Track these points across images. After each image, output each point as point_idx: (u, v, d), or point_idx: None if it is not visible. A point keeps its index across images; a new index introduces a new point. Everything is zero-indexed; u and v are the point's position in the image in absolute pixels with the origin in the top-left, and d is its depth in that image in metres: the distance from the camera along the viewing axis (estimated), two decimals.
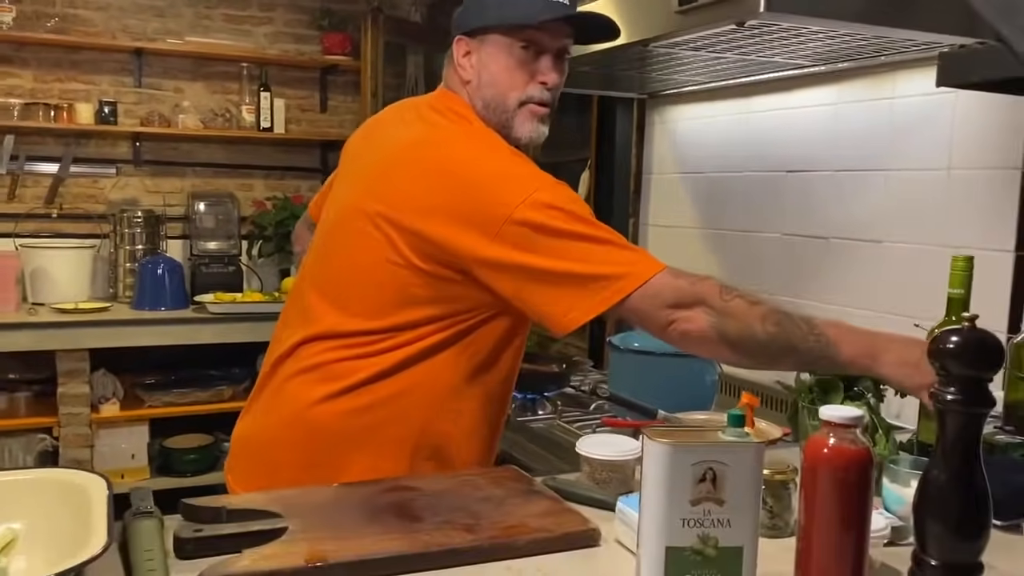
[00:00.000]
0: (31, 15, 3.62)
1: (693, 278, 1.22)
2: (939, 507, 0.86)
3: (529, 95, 1.33)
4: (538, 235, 1.20)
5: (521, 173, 1.26)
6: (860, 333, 1.22)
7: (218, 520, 1.05)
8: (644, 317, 1.23)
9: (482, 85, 1.34)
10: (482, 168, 1.27)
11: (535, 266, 1.21)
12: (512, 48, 1.31)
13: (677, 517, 0.85)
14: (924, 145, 1.79)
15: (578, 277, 1.21)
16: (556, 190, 1.24)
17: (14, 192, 3.68)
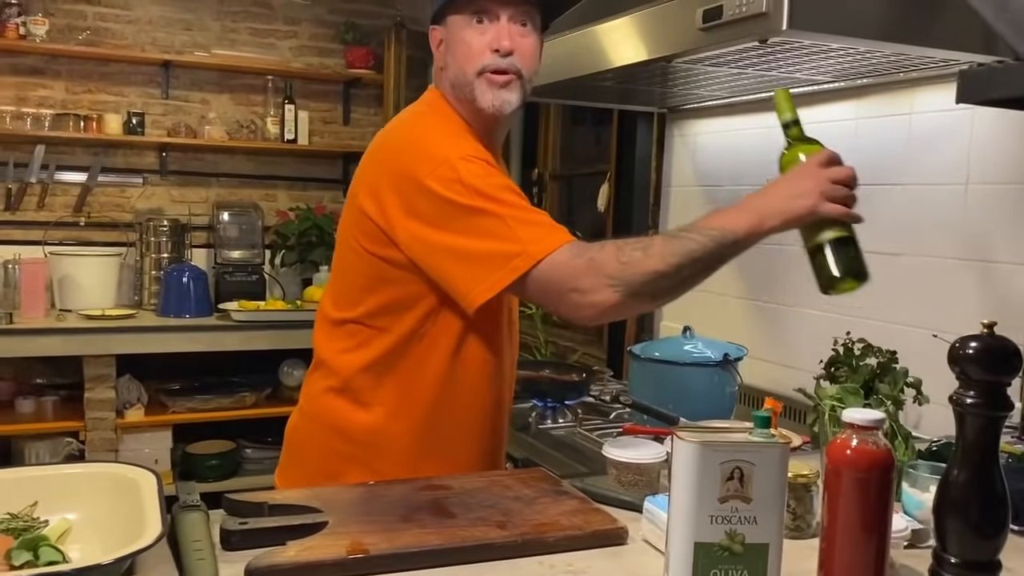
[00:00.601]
0: (63, 28, 3.71)
1: (592, 251, 1.21)
2: (959, 506, 0.90)
3: (484, 64, 1.34)
4: (443, 209, 1.23)
5: (438, 147, 1.27)
6: (735, 208, 1.25)
7: (260, 514, 1.09)
8: (546, 296, 1.24)
9: (449, 67, 1.38)
10: (405, 139, 1.33)
11: (441, 242, 1.24)
12: (468, 23, 1.35)
13: (706, 514, 0.89)
14: (942, 160, 1.82)
15: (478, 254, 1.22)
16: (467, 166, 1.24)
17: (44, 201, 3.76)
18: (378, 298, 1.36)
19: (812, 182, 1.20)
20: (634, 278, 1.19)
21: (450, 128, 1.35)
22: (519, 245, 1.20)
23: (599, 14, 1.81)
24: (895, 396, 1.34)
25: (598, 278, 1.19)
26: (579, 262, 1.20)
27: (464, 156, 1.26)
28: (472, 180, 1.23)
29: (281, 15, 4.10)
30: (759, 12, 1.36)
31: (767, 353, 2.24)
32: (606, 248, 1.21)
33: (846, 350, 1.45)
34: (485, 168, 1.26)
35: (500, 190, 1.24)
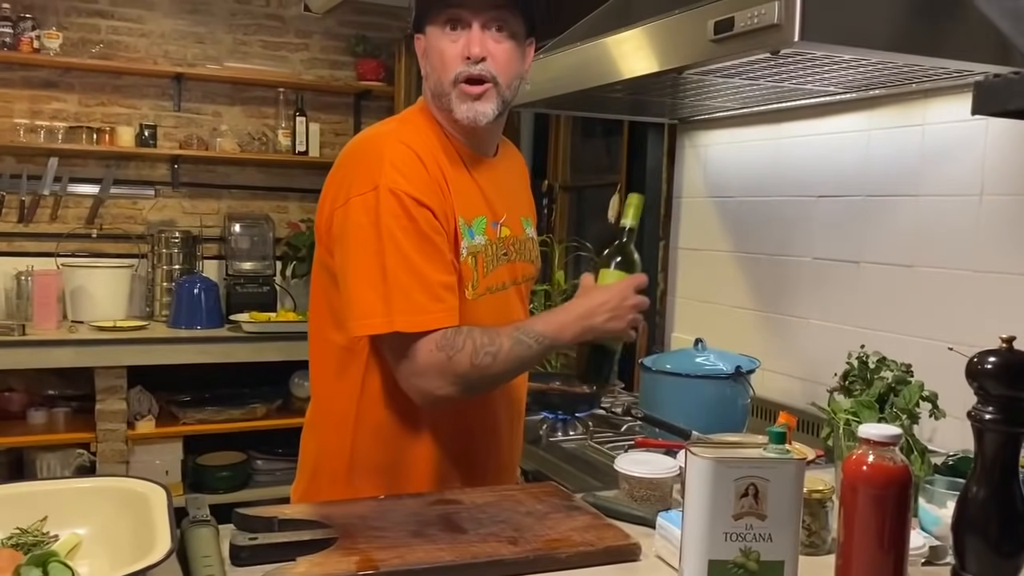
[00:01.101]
0: (77, 41, 3.74)
1: (454, 348, 1.25)
2: (979, 524, 0.88)
3: (458, 72, 1.32)
4: (352, 231, 1.26)
5: (379, 171, 1.27)
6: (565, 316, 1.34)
7: (270, 529, 1.09)
8: (393, 363, 1.28)
9: (429, 76, 1.38)
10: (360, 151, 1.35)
11: (342, 259, 1.28)
12: (442, 31, 1.33)
13: (720, 531, 0.88)
14: (956, 171, 1.81)
15: (356, 291, 1.26)
16: (389, 202, 1.25)
17: (56, 213, 3.78)
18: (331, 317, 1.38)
19: (627, 308, 1.34)
20: (478, 381, 1.28)
21: (404, 154, 1.31)
22: (387, 308, 1.24)
23: (610, 26, 1.81)
24: (910, 410, 1.33)
25: (447, 377, 1.25)
26: (439, 357, 1.24)
27: (393, 189, 1.25)
28: (385, 219, 1.25)
29: (293, 28, 4.12)
30: (771, 24, 1.35)
31: (779, 365, 2.22)
32: (465, 348, 1.25)
33: (861, 363, 1.44)
34: (407, 211, 1.26)
35: (409, 239, 1.25)
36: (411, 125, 1.39)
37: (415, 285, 1.25)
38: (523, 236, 1.50)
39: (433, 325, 1.25)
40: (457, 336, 1.26)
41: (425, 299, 1.25)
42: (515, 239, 1.47)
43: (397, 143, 1.31)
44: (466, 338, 1.26)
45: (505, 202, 1.46)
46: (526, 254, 1.51)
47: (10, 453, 3.49)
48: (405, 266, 1.25)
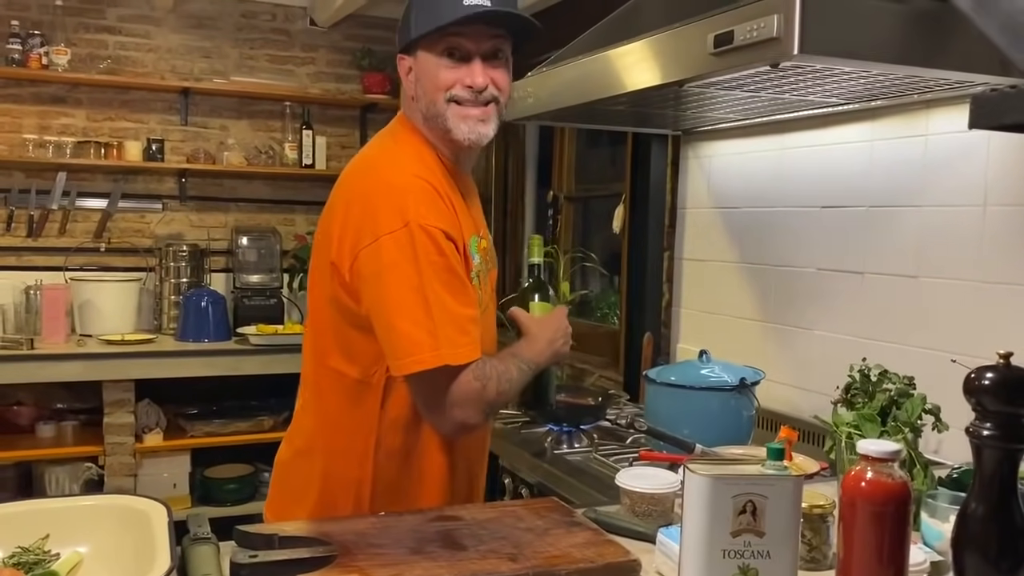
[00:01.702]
0: (85, 57, 3.77)
1: (485, 377, 1.31)
2: (978, 540, 0.88)
3: (454, 95, 1.36)
4: (388, 270, 1.28)
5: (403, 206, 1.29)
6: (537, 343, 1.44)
7: (270, 546, 1.09)
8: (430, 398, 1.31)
9: (420, 96, 1.40)
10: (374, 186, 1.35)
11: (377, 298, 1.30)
12: (439, 57, 1.36)
13: (718, 548, 0.88)
14: (959, 181, 1.80)
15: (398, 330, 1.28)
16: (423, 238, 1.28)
17: (65, 227, 3.81)
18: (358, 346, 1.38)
19: (569, 334, 1.50)
20: (498, 406, 1.37)
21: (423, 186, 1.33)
22: (434, 343, 1.26)
23: (612, 39, 1.82)
24: (912, 423, 1.32)
25: (480, 405, 1.31)
26: (476, 386, 1.30)
27: (424, 225, 1.28)
28: (421, 256, 1.28)
29: (299, 42, 4.15)
30: (770, 37, 1.35)
31: (785, 376, 2.22)
32: (492, 377, 1.32)
33: (862, 376, 1.43)
34: (438, 246, 1.29)
35: (442, 275, 1.29)
36: (410, 149, 1.41)
37: (451, 320, 1.28)
38: (490, 243, 1.56)
39: (472, 357, 1.29)
40: (485, 366, 1.31)
41: (460, 333, 1.29)
42: (489, 247, 1.53)
43: (414, 177, 1.34)
44: (491, 368, 1.32)
45: (480, 214, 1.54)
46: (493, 260, 1.58)
47: (19, 467, 3.51)
48: (441, 302, 1.28)
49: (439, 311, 1.27)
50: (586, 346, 3.27)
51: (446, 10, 1.32)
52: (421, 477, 1.43)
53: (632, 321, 2.83)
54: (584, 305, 3.61)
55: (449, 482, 1.45)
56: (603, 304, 3.59)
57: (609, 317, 3.46)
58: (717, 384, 1.97)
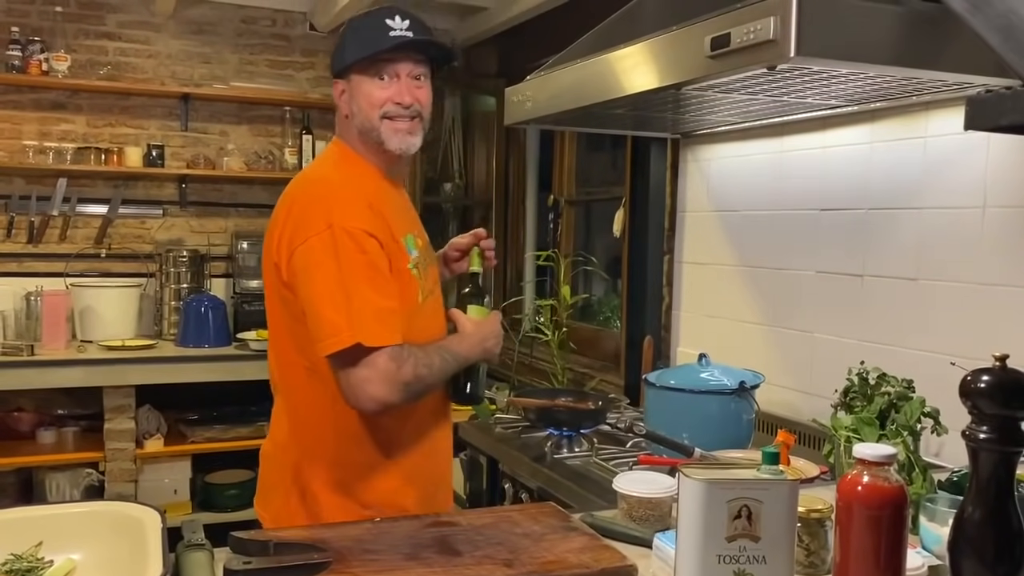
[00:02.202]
0: (85, 63, 3.78)
1: (402, 360, 1.45)
2: (975, 544, 0.87)
3: (386, 111, 1.57)
4: (312, 265, 1.46)
5: (331, 212, 1.47)
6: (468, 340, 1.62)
7: (265, 553, 1.08)
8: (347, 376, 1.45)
9: (355, 114, 1.59)
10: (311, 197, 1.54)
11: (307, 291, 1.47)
12: (372, 80, 1.57)
13: (713, 553, 0.87)
14: (958, 183, 1.80)
15: (321, 315, 1.45)
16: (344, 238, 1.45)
17: (65, 233, 3.81)
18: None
19: (500, 337, 1.70)
20: (417, 388, 1.49)
21: (348, 194, 1.53)
22: (351, 328, 1.43)
23: (609, 42, 1.81)
24: (911, 426, 1.32)
25: (396, 385, 1.45)
26: (390, 365, 1.44)
27: (346, 227, 1.46)
28: (344, 252, 1.45)
29: (298, 47, 4.15)
30: (767, 39, 1.35)
31: (784, 380, 2.21)
32: (410, 360, 1.46)
33: (861, 380, 1.43)
34: (359, 245, 1.47)
35: (362, 269, 1.46)
36: (344, 165, 1.62)
37: (372, 310, 1.45)
38: (427, 243, 1.73)
39: (387, 341, 1.44)
40: (403, 350, 1.46)
41: (379, 320, 1.46)
42: (427, 247, 1.71)
43: (340, 186, 1.55)
44: (409, 353, 1.47)
45: (413, 217, 1.73)
46: (433, 258, 1.77)
47: (19, 473, 3.51)
48: (360, 293, 1.45)
49: (357, 300, 1.44)
50: (587, 350, 3.27)
51: (378, 41, 1.55)
52: (386, 460, 1.57)
53: (632, 325, 2.82)
54: (586, 309, 3.61)
55: (416, 465, 1.60)
56: (605, 308, 3.58)
57: (612, 321, 3.45)
58: (717, 388, 1.97)
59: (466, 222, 4.24)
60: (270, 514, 1.63)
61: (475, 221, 4.22)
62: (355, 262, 1.46)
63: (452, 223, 4.23)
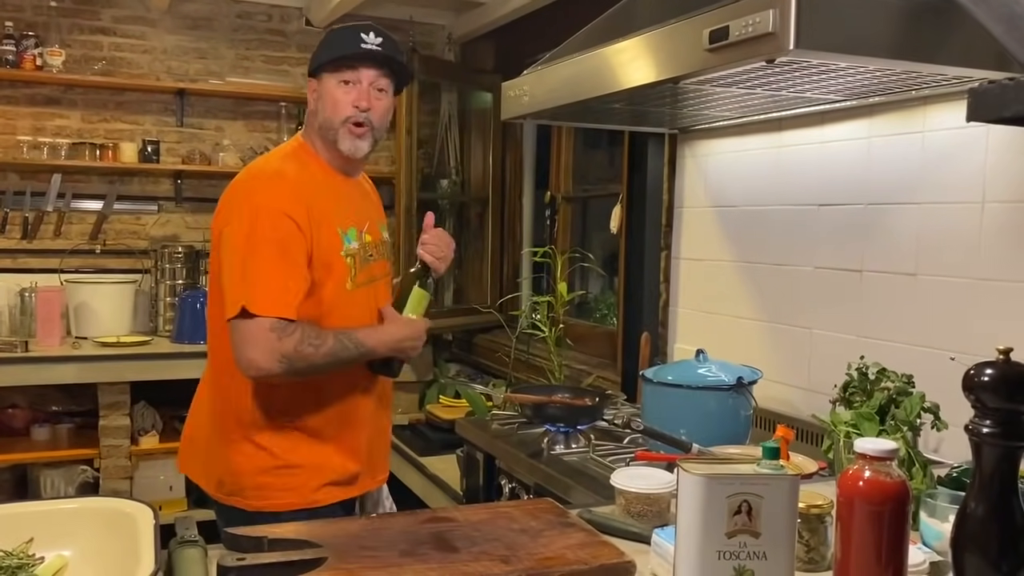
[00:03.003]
0: (79, 59, 3.76)
1: (286, 332, 1.57)
2: (977, 540, 0.86)
3: (347, 116, 1.73)
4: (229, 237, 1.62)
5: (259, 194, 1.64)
6: (382, 333, 1.73)
7: (259, 549, 1.07)
8: (236, 342, 1.58)
9: (319, 111, 1.76)
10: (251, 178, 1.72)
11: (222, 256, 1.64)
12: (337, 83, 1.73)
13: (713, 549, 0.86)
14: (957, 178, 1.79)
15: (227, 283, 1.61)
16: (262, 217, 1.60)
17: (60, 229, 3.79)
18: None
19: (422, 343, 1.81)
20: (299, 364, 1.60)
21: (287, 182, 1.68)
22: (241, 293, 1.57)
23: (607, 36, 1.80)
24: (911, 422, 1.31)
25: (274, 354, 1.57)
26: (271, 336, 1.56)
27: (266, 207, 1.62)
28: (256, 229, 1.60)
29: (294, 42, 4.13)
30: (766, 32, 1.34)
31: (782, 375, 2.20)
32: (294, 335, 1.58)
33: (860, 375, 1.42)
34: (272, 222, 1.60)
35: (268, 245, 1.59)
36: (292, 158, 1.76)
37: (265, 281, 1.58)
38: (380, 240, 1.88)
39: (271, 311, 1.56)
40: (290, 325, 1.58)
41: (270, 292, 1.58)
42: (376, 243, 1.84)
43: (272, 172, 1.70)
44: (297, 327, 1.59)
45: (367, 213, 1.85)
46: (386, 254, 1.90)
47: (14, 470, 3.49)
48: (259, 266, 1.58)
49: (254, 272, 1.58)
50: (583, 346, 3.26)
51: (348, 47, 1.73)
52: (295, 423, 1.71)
53: (629, 321, 2.81)
54: (583, 305, 3.60)
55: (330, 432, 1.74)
56: (602, 305, 3.58)
57: (608, 318, 3.44)
58: (714, 383, 1.96)
59: (462, 218, 4.23)
60: (193, 465, 1.83)
61: (471, 218, 4.20)
62: (263, 238, 1.59)
63: (449, 220, 4.21)
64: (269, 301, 1.57)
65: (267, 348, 1.55)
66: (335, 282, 1.70)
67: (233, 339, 1.59)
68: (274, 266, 1.59)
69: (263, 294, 1.57)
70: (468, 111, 4.21)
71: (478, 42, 4.14)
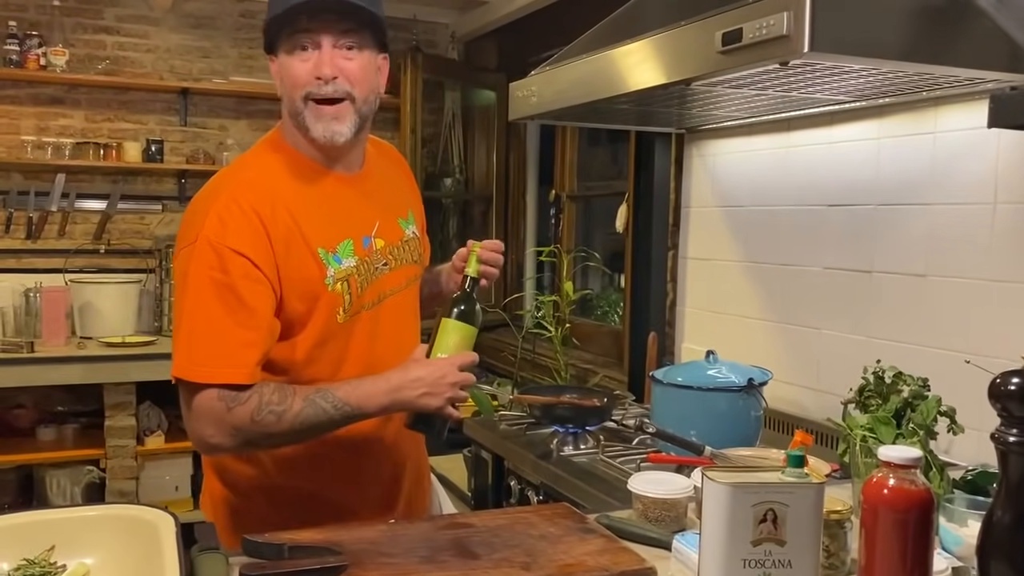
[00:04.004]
0: (83, 58, 3.75)
1: (237, 401, 1.27)
2: (1004, 549, 0.86)
3: (309, 91, 1.33)
4: (177, 277, 1.33)
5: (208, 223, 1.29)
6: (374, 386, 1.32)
7: (280, 556, 1.07)
8: (184, 408, 1.32)
9: (283, 95, 1.39)
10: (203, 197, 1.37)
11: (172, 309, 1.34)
12: (291, 53, 1.34)
13: (738, 557, 0.86)
14: (968, 179, 1.79)
15: (175, 336, 1.32)
16: (205, 255, 1.28)
17: (64, 229, 3.78)
18: None
19: (445, 386, 1.31)
20: (256, 436, 1.29)
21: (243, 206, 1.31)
22: (178, 358, 1.29)
23: (616, 37, 1.80)
24: (928, 426, 1.31)
25: (224, 427, 1.27)
26: (218, 406, 1.27)
27: (212, 242, 1.28)
28: (197, 270, 1.28)
29: None
30: (780, 35, 1.34)
31: (791, 376, 2.20)
32: (249, 403, 1.27)
33: (877, 378, 1.42)
34: (221, 263, 1.28)
35: (213, 293, 1.27)
36: (259, 162, 1.40)
37: (209, 339, 1.28)
38: (402, 240, 1.51)
39: (216, 379, 1.26)
40: (243, 391, 1.27)
41: (216, 354, 1.28)
42: (392, 247, 1.48)
43: (229, 196, 1.32)
44: (253, 393, 1.28)
45: (377, 211, 1.47)
46: (408, 256, 1.52)
47: (20, 470, 3.49)
48: (205, 320, 1.28)
49: (196, 327, 1.28)
50: (589, 346, 3.26)
51: (285, 4, 1.30)
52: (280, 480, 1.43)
53: (636, 320, 2.81)
54: (584, 303, 3.60)
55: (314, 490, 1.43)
56: (603, 302, 3.58)
57: (609, 315, 3.44)
58: (725, 385, 1.95)
59: (466, 217, 4.22)
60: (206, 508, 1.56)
61: (475, 217, 4.20)
62: (208, 281, 1.27)
63: (452, 219, 4.21)
64: (215, 366, 1.27)
65: (215, 422, 1.27)
66: (321, 316, 1.37)
67: (181, 403, 1.33)
68: (221, 318, 1.27)
69: (207, 357, 1.27)
70: (472, 109, 4.21)
71: (482, 40, 4.14)
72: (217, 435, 1.28)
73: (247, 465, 1.44)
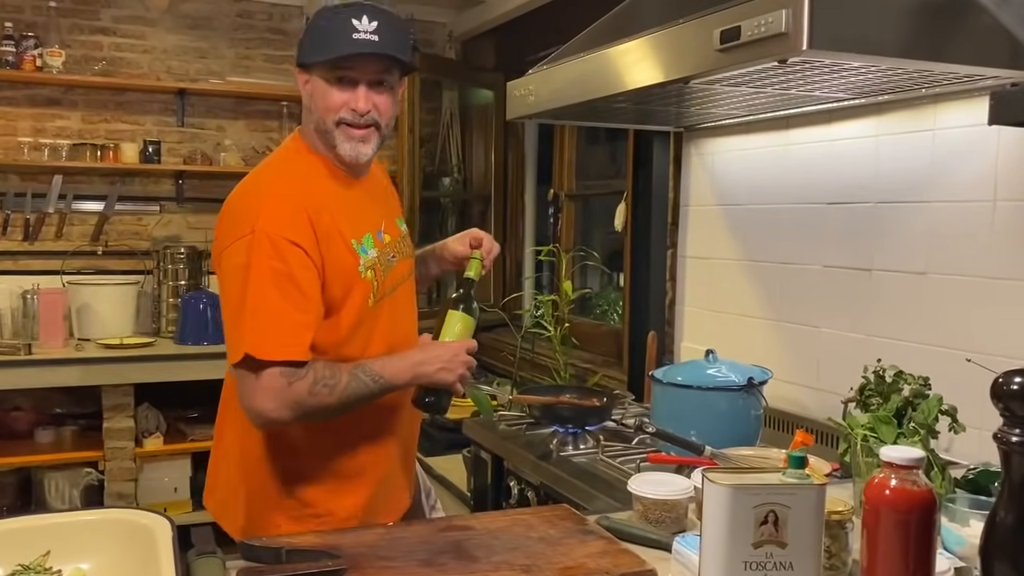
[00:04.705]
0: (80, 59, 3.74)
1: (296, 376, 1.41)
2: (1007, 550, 0.85)
3: (342, 117, 1.52)
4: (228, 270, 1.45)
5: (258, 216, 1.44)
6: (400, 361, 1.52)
7: (277, 560, 1.07)
8: (241, 387, 1.44)
9: (312, 109, 1.55)
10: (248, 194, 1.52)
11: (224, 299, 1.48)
12: (330, 80, 1.51)
13: (739, 559, 0.86)
14: (968, 176, 1.78)
15: (228, 324, 1.45)
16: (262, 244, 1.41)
17: (61, 230, 3.77)
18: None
19: (458, 363, 1.53)
20: (313, 409, 1.44)
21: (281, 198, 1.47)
22: (243, 338, 1.40)
23: (614, 36, 1.79)
24: (929, 425, 1.30)
25: (284, 402, 1.41)
26: (280, 382, 1.40)
27: (269, 234, 1.42)
28: (259, 260, 1.41)
29: (295, 41, 4.08)
30: (778, 32, 1.33)
31: (791, 375, 2.19)
32: (307, 378, 1.42)
33: (878, 378, 1.41)
34: (278, 252, 1.42)
35: (271, 279, 1.41)
36: (292, 166, 1.57)
37: (270, 320, 1.41)
38: (400, 236, 1.70)
39: (280, 356, 1.40)
40: (301, 367, 1.41)
41: (277, 333, 1.41)
42: (395, 241, 1.66)
43: (274, 192, 1.49)
44: (309, 369, 1.42)
45: (381, 211, 1.67)
46: (406, 251, 1.71)
47: (18, 473, 3.48)
48: (265, 304, 1.41)
49: (258, 311, 1.40)
50: (588, 345, 3.25)
51: (339, 44, 1.47)
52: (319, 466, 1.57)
53: (635, 320, 2.80)
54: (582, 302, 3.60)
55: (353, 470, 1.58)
56: (602, 301, 3.57)
57: (609, 315, 3.44)
58: (725, 384, 1.95)
59: (465, 216, 4.21)
60: (216, 506, 1.70)
61: (473, 216, 4.19)
62: (268, 270, 1.41)
63: (450, 218, 4.20)
64: (277, 344, 1.40)
65: (277, 396, 1.40)
66: (356, 301, 1.53)
67: (239, 387, 1.44)
68: (280, 302, 1.41)
69: (269, 337, 1.40)
70: (469, 109, 4.20)
71: (479, 40, 4.13)
72: (277, 409, 1.40)
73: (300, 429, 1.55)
